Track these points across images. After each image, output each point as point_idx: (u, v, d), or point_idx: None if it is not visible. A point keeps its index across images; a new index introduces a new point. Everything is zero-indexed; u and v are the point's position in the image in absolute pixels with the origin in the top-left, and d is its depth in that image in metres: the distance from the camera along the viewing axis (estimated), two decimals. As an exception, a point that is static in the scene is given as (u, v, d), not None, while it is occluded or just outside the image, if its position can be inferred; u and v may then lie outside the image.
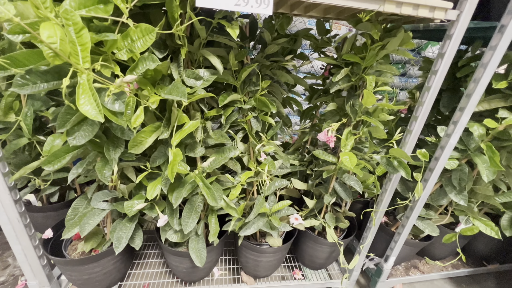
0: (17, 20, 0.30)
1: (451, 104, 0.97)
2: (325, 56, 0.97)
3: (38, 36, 0.33)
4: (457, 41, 0.64)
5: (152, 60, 0.47)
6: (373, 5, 0.57)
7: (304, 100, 1.13)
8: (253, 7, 0.51)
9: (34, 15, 0.37)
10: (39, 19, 0.37)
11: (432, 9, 0.59)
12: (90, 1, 0.43)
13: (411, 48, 0.76)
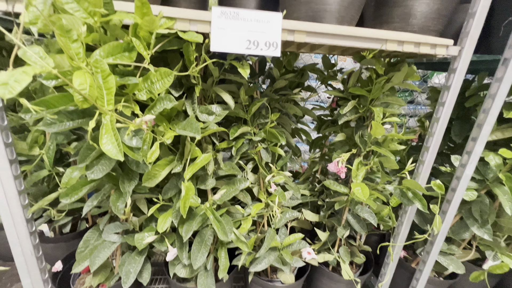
0: (55, 72, 0.34)
1: (463, 133, 0.96)
2: (332, 88, 1.01)
3: (71, 84, 0.37)
4: (462, 75, 0.65)
5: (169, 100, 0.50)
6: (376, 45, 0.60)
7: (313, 129, 1.15)
8: (262, 50, 0.56)
9: (69, 65, 0.41)
10: (72, 68, 0.42)
11: (434, 46, 0.62)
12: (117, 50, 0.48)
13: (416, 80, 0.78)
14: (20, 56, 0.34)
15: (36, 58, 0.34)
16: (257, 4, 0.78)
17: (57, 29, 0.40)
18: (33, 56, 0.34)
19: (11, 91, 0.29)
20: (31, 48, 0.36)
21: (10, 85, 0.29)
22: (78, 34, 0.42)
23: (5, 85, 0.29)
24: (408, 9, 0.60)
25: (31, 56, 0.34)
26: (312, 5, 0.57)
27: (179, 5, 0.76)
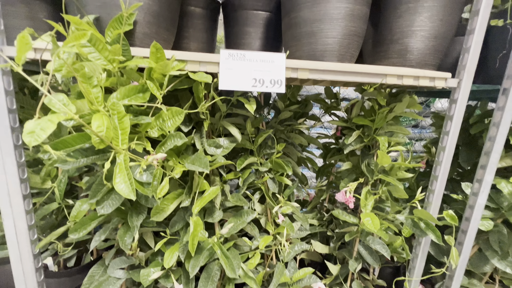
0: (76, 117, 0.37)
1: (471, 159, 0.95)
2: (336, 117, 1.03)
3: (90, 128, 0.39)
4: (463, 105, 0.67)
5: (180, 137, 0.52)
6: (376, 79, 0.63)
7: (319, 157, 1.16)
8: (268, 87, 0.59)
9: (88, 108, 0.44)
10: (91, 111, 0.45)
11: (432, 79, 0.65)
12: (132, 91, 0.52)
13: (418, 109, 0.79)
14: (46, 104, 0.37)
15: (60, 105, 0.37)
16: (262, 43, 0.83)
17: (80, 77, 0.44)
18: (57, 103, 0.37)
19: (36, 139, 0.31)
20: (56, 95, 0.39)
21: (36, 133, 0.32)
22: (98, 80, 0.45)
23: (32, 133, 0.31)
24: (405, 46, 0.64)
25: (55, 104, 0.37)
26: (313, 45, 0.61)
27: (189, 45, 0.82)
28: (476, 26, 0.62)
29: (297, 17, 0.61)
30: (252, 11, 0.79)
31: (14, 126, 0.59)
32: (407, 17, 0.62)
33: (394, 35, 0.64)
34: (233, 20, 0.82)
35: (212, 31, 0.86)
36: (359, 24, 0.60)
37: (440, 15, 0.61)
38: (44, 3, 0.84)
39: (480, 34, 0.62)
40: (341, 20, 0.57)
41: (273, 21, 0.81)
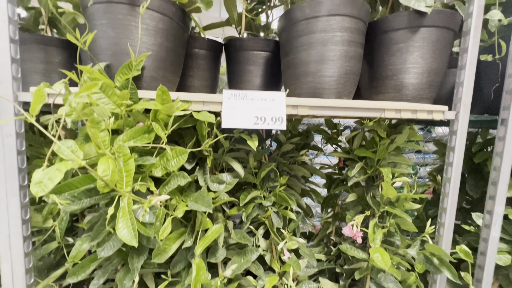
0: (84, 163, 0.38)
1: (479, 187, 0.94)
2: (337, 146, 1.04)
3: (95, 173, 0.40)
4: (463, 136, 0.67)
5: (183, 177, 0.53)
6: (375, 113, 0.65)
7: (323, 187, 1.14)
8: (269, 124, 0.60)
9: (95, 152, 0.46)
10: (98, 155, 0.46)
11: (430, 112, 0.66)
12: (138, 133, 0.53)
13: (419, 139, 0.80)
14: (55, 151, 0.39)
15: (69, 152, 0.38)
16: (262, 79, 0.87)
17: (89, 123, 0.46)
18: (66, 151, 0.38)
19: (44, 189, 0.32)
20: (65, 142, 0.40)
21: (44, 183, 0.32)
22: (106, 125, 0.47)
23: (39, 183, 0.32)
24: (400, 82, 0.67)
25: (64, 151, 0.38)
26: (311, 84, 0.63)
27: (193, 83, 0.86)
28: (466, 62, 0.65)
29: (295, 59, 0.65)
30: (253, 52, 0.84)
31: (22, 167, 0.60)
32: (399, 55, 0.65)
33: (388, 72, 0.67)
34: (235, 59, 0.87)
35: (215, 69, 0.91)
36: (354, 63, 0.63)
37: (430, 53, 0.64)
38: (60, 49, 0.90)
39: (471, 69, 0.65)
40: (336, 61, 0.61)
41: (272, 59, 0.86)
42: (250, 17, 0.89)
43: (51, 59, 0.90)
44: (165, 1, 0.60)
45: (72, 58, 0.93)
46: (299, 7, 0.61)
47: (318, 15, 0.59)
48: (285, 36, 0.68)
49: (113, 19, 0.57)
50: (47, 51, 0.89)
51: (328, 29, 0.59)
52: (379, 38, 0.68)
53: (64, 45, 0.89)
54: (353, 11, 0.59)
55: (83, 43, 0.52)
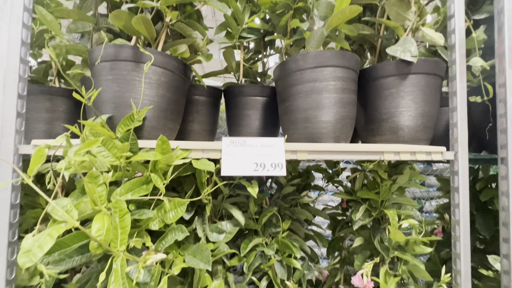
0: (77, 224, 0.36)
1: (490, 227, 0.90)
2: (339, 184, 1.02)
3: (89, 234, 0.38)
4: (465, 177, 0.67)
5: (181, 230, 0.50)
6: (374, 156, 0.65)
7: (327, 227, 1.09)
8: (269, 170, 0.60)
9: (91, 208, 0.44)
10: (94, 212, 0.44)
11: (429, 154, 0.66)
12: (136, 185, 0.52)
13: (421, 179, 0.79)
14: (49, 212, 0.37)
15: (63, 213, 0.37)
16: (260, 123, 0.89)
17: (86, 178, 0.45)
18: (60, 211, 0.37)
19: (32, 259, 0.30)
20: (60, 201, 0.39)
21: (32, 252, 0.30)
22: (104, 179, 0.47)
23: (28, 252, 0.30)
24: (395, 124, 0.68)
25: (58, 212, 0.37)
26: (309, 129, 0.65)
27: (193, 128, 0.88)
28: (457, 105, 0.67)
29: (292, 105, 0.67)
30: (251, 97, 0.87)
31: (13, 221, 0.58)
32: (392, 100, 0.68)
33: (383, 115, 0.69)
34: (234, 104, 0.91)
35: (214, 114, 0.94)
36: (349, 109, 0.65)
37: (421, 97, 0.67)
38: (65, 98, 0.94)
39: (463, 110, 0.67)
40: (332, 107, 0.63)
41: (269, 103, 0.89)
42: (247, 66, 0.95)
43: (56, 108, 0.93)
44: (168, 57, 0.64)
45: (77, 106, 0.96)
46: (293, 60, 0.65)
47: (311, 66, 0.63)
48: (281, 84, 0.71)
49: (118, 75, 0.60)
50: (53, 101, 0.92)
51: (322, 79, 0.62)
52: (371, 84, 0.71)
53: (69, 94, 0.93)
54: (344, 62, 0.63)
55: (88, 99, 0.54)
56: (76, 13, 0.71)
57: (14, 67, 0.60)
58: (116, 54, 0.60)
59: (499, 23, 0.71)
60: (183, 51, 0.68)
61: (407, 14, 0.71)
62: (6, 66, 0.60)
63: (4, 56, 0.60)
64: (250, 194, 0.74)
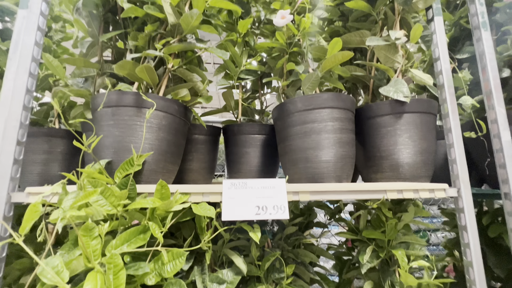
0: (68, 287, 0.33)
1: (503, 265, 0.86)
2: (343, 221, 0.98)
3: (79, 299, 0.35)
4: (472, 213, 0.65)
5: (179, 286, 0.47)
6: (377, 195, 0.64)
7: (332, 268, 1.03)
8: (271, 214, 0.58)
9: (83, 265, 0.41)
10: (86, 269, 0.41)
11: (432, 191, 0.66)
12: (133, 235, 0.50)
13: (426, 216, 0.77)
14: (38, 275, 0.34)
15: (53, 275, 0.34)
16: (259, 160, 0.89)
17: (81, 231, 0.43)
18: (50, 273, 0.34)
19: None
20: (50, 261, 0.36)
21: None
22: (100, 231, 0.44)
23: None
24: (395, 162, 0.68)
25: (47, 274, 0.34)
26: (310, 169, 0.64)
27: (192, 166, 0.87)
28: (453, 141, 0.68)
29: (292, 145, 0.67)
30: (250, 135, 0.88)
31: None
32: (389, 138, 0.69)
33: (382, 153, 0.70)
34: (233, 142, 0.91)
35: (213, 152, 0.94)
36: (348, 148, 0.66)
37: (418, 135, 0.68)
38: (64, 139, 0.94)
39: (459, 147, 0.68)
40: (331, 147, 0.63)
41: (268, 141, 0.90)
42: (245, 105, 0.97)
43: (54, 149, 0.92)
44: (169, 101, 0.66)
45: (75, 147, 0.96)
46: (292, 102, 0.67)
47: (309, 108, 0.65)
48: (280, 125, 0.72)
49: (120, 120, 0.61)
50: (51, 142, 0.91)
51: (320, 120, 0.64)
52: (368, 122, 0.73)
53: (68, 135, 0.93)
54: (340, 104, 0.65)
55: (88, 146, 0.53)
56: (82, 61, 0.75)
57: (16, 114, 0.60)
58: (118, 100, 0.61)
59: (482, 64, 0.75)
60: (184, 95, 0.70)
61: (395, 57, 0.76)
62: (8, 113, 0.60)
63: (7, 103, 0.61)
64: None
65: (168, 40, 0.71)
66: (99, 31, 0.84)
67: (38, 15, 0.65)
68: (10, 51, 0.64)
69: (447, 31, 1.03)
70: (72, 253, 0.46)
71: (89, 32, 0.84)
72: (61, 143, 0.94)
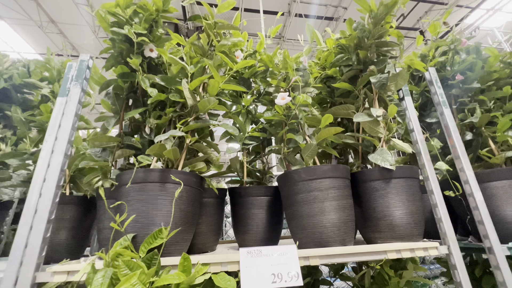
0: None
1: (502, 317, 0.89)
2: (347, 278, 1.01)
3: None
4: (463, 268, 0.72)
5: None
6: (379, 256, 0.70)
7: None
8: (287, 282, 0.63)
9: None
10: None
11: (426, 249, 0.73)
12: (160, 313, 0.52)
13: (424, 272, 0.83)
14: None
15: None
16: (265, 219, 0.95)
17: (119, 315, 0.46)
18: None
19: None
20: None
21: None
22: (134, 313, 0.47)
23: None
24: (390, 222, 0.77)
25: None
26: (317, 234, 0.71)
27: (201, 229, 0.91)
28: (436, 201, 0.79)
29: (298, 211, 0.75)
30: (256, 197, 0.96)
31: None
32: (382, 201, 0.79)
33: (378, 214, 0.78)
34: (240, 204, 0.97)
35: (220, 213, 0.99)
36: (349, 212, 0.74)
37: (407, 198, 0.78)
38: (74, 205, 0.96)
39: (442, 206, 0.79)
40: (334, 212, 0.72)
41: (273, 201, 0.97)
42: (250, 168, 1.07)
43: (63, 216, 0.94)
44: (189, 174, 0.74)
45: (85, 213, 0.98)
46: (296, 172, 0.77)
47: (312, 178, 0.75)
48: (286, 191, 0.81)
49: (145, 195, 0.68)
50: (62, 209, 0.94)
51: (323, 188, 0.73)
52: (363, 186, 0.83)
53: (78, 201, 0.96)
54: (338, 174, 0.76)
55: (120, 225, 0.59)
56: (107, 137, 0.84)
57: (49, 194, 0.66)
58: (145, 177, 0.69)
59: (448, 133, 0.91)
60: (201, 167, 0.79)
61: (378, 128, 0.90)
62: (41, 193, 0.65)
63: (39, 182, 0.66)
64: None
65: (186, 120, 0.83)
66: (121, 108, 0.96)
67: (77, 103, 0.76)
68: (47, 133, 0.73)
69: (415, 100, 1.23)
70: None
71: (112, 109, 0.96)
72: (72, 209, 0.96)
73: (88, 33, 6.35)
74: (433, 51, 1.19)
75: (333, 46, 1.12)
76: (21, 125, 1.10)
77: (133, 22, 0.87)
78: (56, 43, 6.62)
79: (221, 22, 1.00)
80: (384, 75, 0.90)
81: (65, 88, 0.78)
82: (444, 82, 1.14)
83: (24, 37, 6.43)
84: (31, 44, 6.71)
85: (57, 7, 5.78)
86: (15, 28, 6.27)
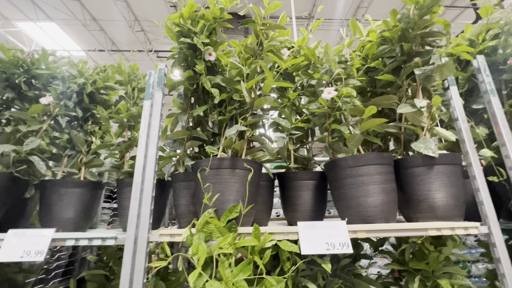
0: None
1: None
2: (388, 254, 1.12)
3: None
4: (502, 246, 0.79)
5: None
6: (420, 233, 0.80)
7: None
8: (338, 249, 0.76)
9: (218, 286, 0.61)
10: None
11: (466, 229, 0.81)
12: (243, 266, 0.70)
13: (463, 249, 0.90)
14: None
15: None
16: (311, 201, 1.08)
17: (220, 265, 0.64)
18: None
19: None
20: (213, 283, 0.57)
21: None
22: (229, 261, 0.65)
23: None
24: (431, 204, 0.85)
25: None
26: (362, 213, 0.83)
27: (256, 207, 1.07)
28: (479, 186, 0.85)
29: (346, 193, 0.87)
30: (303, 181, 1.09)
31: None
32: (424, 185, 0.87)
33: (419, 197, 0.87)
34: (288, 187, 1.12)
35: (271, 194, 1.15)
36: (392, 195, 0.84)
37: (447, 182, 0.85)
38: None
39: (485, 191, 0.84)
40: (379, 195, 0.82)
41: (318, 185, 1.10)
42: (296, 155, 1.20)
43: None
44: (253, 162, 0.89)
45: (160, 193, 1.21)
46: (344, 159, 0.88)
47: (359, 165, 0.85)
48: (333, 176, 0.93)
49: (220, 179, 0.85)
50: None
51: (368, 174, 0.84)
52: (406, 172, 0.91)
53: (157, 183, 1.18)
54: (383, 161, 0.85)
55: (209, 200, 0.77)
56: (182, 132, 1.02)
57: (150, 177, 0.86)
58: (219, 165, 0.86)
59: (495, 121, 0.94)
60: (260, 155, 0.94)
61: (421, 118, 0.96)
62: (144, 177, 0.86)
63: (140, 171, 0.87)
64: (319, 268, 0.87)
65: (245, 116, 0.97)
66: (187, 106, 1.13)
67: (160, 105, 0.94)
68: (140, 130, 0.92)
69: (461, 86, 1.23)
70: (200, 280, 0.66)
71: (181, 107, 1.14)
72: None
73: (124, 28, 6.76)
74: (483, 35, 1.16)
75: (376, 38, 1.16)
76: (106, 121, 1.35)
77: (195, 30, 1.01)
78: (98, 39, 7.20)
79: (269, 23, 1.10)
80: (429, 67, 0.94)
81: (149, 92, 0.97)
82: (494, 67, 1.12)
83: (71, 36, 7.07)
84: (77, 42, 7.37)
85: (97, 5, 6.21)
86: (63, 28, 6.89)
